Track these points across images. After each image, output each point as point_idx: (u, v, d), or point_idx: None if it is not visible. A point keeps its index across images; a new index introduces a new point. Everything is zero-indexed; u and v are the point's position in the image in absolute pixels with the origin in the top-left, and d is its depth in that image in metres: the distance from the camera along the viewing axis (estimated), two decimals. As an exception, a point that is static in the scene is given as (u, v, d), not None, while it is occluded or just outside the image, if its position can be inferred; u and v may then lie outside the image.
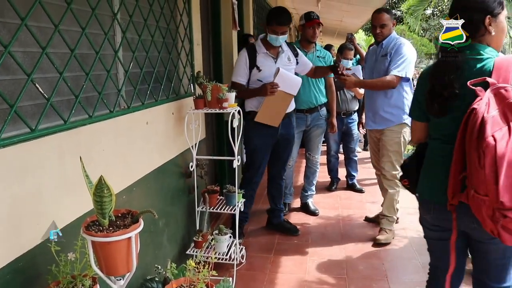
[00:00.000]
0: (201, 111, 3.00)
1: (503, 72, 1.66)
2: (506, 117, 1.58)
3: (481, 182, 1.57)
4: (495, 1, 1.77)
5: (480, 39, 1.79)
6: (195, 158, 3.09)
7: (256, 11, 6.40)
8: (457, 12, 1.81)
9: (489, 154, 1.53)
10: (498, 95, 1.61)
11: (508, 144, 1.53)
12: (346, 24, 12.83)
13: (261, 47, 3.57)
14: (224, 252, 3.10)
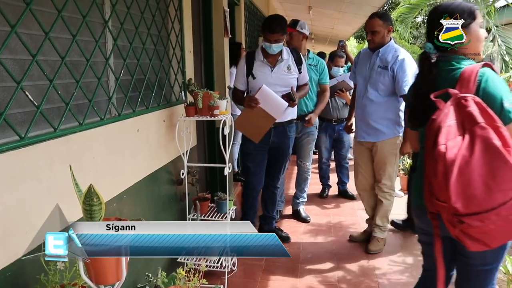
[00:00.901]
0: (192, 118, 3.00)
1: (465, 82, 1.71)
2: (463, 126, 1.62)
3: (438, 189, 1.63)
4: (464, 13, 1.82)
5: (454, 50, 1.83)
6: (186, 166, 3.09)
7: (248, 18, 6.42)
8: (430, 25, 1.88)
9: (440, 161, 1.59)
10: (458, 105, 1.66)
11: (459, 151, 1.57)
12: (337, 32, 12.93)
13: (259, 54, 3.54)
14: (215, 259, 3.09)
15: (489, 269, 1.86)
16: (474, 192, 1.55)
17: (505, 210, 1.53)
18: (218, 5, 4.50)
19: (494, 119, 1.60)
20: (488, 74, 1.72)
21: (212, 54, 4.46)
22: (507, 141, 1.57)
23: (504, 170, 1.53)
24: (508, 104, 1.66)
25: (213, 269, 3.07)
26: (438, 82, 1.82)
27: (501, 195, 1.53)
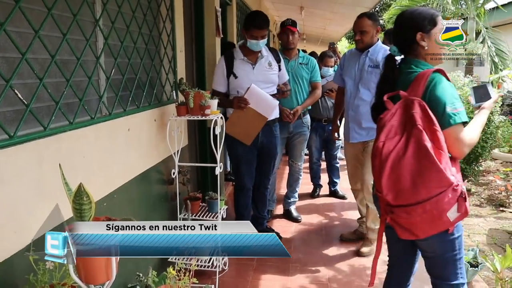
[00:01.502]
0: (183, 118, 2.99)
1: (416, 86, 1.83)
2: (405, 126, 1.78)
3: (376, 181, 1.83)
4: (425, 19, 1.92)
5: (416, 54, 1.95)
6: (177, 165, 3.08)
7: (240, 18, 6.42)
8: (395, 29, 2.02)
9: (377, 156, 1.79)
10: (405, 107, 1.80)
11: (394, 149, 1.75)
12: (329, 32, 12.97)
13: (238, 53, 3.51)
14: (206, 259, 3.09)
15: (444, 259, 1.94)
16: (402, 187, 1.73)
17: (429, 205, 1.70)
18: (210, 5, 4.50)
19: (434, 122, 1.73)
20: (437, 79, 1.82)
21: (204, 53, 4.45)
22: (441, 143, 1.72)
23: (430, 169, 1.68)
24: (450, 109, 1.77)
25: (204, 268, 3.07)
26: (398, 83, 1.94)
27: (426, 191, 1.70)
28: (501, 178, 6.02)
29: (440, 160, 1.68)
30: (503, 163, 7.34)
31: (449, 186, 1.68)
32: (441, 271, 1.99)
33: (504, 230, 4.67)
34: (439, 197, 1.68)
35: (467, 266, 3.10)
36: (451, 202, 1.69)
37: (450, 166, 1.73)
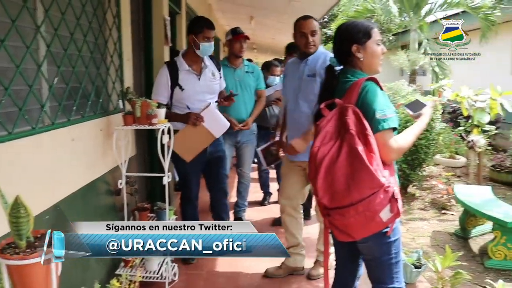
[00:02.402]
0: (130, 127, 2.95)
1: (350, 93, 1.92)
2: (339, 132, 1.86)
3: (312, 185, 1.88)
4: (360, 32, 2.03)
5: (353, 64, 2.04)
6: (124, 175, 3.02)
7: (189, 27, 6.40)
8: (334, 41, 2.11)
9: (313, 161, 1.86)
10: (340, 114, 1.89)
11: (328, 153, 1.82)
12: (279, 42, 13.15)
13: (183, 63, 3.38)
14: (155, 270, 3.04)
15: (380, 262, 2.02)
16: (337, 189, 1.80)
17: (362, 206, 1.76)
18: (159, 14, 4.47)
19: (366, 127, 1.82)
20: (369, 87, 1.92)
21: (152, 62, 4.40)
22: (372, 147, 1.79)
23: (361, 171, 1.75)
24: (379, 115, 1.86)
25: (153, 280, 3.02)
26: (336, 92, 2.03)
27: (358, 193, 1.76)
28: (443, 182, 6.29)
29: (371, 163, 1.76)
30: (444, 167, 7.67)
31: (380, 187, 1.75)
32: (378, 274, 2.06)
33: (446, 231, 4.88)
34: (371, 198, 1.75)
35: (411, 268, 3.22)
36: (383, 203, 1.76)
37: (381, 168, 1.80)
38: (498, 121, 7.82)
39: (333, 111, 1.93)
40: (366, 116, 1.85)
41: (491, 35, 10.19)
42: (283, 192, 3.42)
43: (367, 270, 2.13)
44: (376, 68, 2.08)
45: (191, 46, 3.41)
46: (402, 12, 11.90)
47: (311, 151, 1.90)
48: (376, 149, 1.81)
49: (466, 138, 6.44)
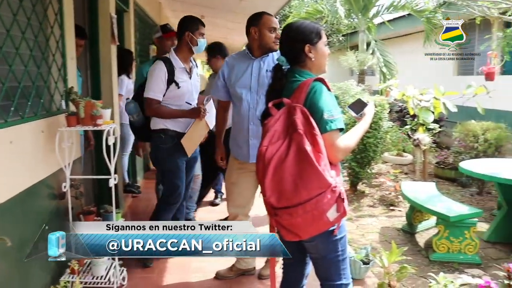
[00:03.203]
0: (73, 128, 2.84)
1: (298, 93, 1.94)
2: (287, 131, 1.87)
3: (260, 184, 1.88)
4: (312, 32, 2.05)
5: (302, 64, 2.06)
6: (68, 178, 2.91)
7: (138, 26, 6.28)
8: (283, 42, 2.11)
9: (261, 160, 1.86)
10: (288, 113, 1.90)
11: (276, 153, 1.83)
12: (231, 41, 13.13)
13: (177, 61, 3.34)
14: (102, 275, 2.95)
15: (327, 260, 2.05)
16: (285, 189, 1.80)
17: (309, 206, 1.77)
18: (105, 11, 4.35)
19: (314, 127, 1.83)
20: (317, 87, 1.94)
21: (99, 61, 4.28)
22: (320, 147, 1.81)
23: (309, 171, 1.77)
24: (327, 116, 1.88)
25: (100, 285, 2.93)
26: (284, 92, 2.03)
27: (306, 193, 1.77)
28: (391, 179, 6.48)
29: (319, 162, 1.77)
30: (392, 165, 7.92)
31: (328, 187, 1.77)
32: (325, 272, 2.08)
33: (394, 227, 5.03)
34: (318, 198, 1.76)
35: (359, 264, 3.29)
36: (330, 202, 1.78)
37: (329, 168, 1.82)
38: (442, 119, 8.15)
39: (281, 110, 1.93)
40: (314, 116, 1.87)
41: (434, 37, 10.58)
42: (234, 202, 3.20)
43: (315, 268, 2.15)
44: (324, 68, 2.12)
45: (185, 43, 3.35)
46: (351, 13, 12.17)
47: (259, 151, 1.89)
48: (324, 149, 1.83)
49: (412, 136, 6.66)
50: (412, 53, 12.63)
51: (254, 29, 2.97)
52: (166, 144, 3.38)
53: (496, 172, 4.60)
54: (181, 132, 3.40)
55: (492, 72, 5.07)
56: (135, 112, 3.51)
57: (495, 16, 4.43)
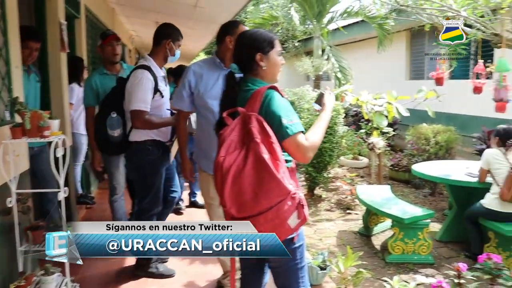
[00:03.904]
0: (19, 140, 2.71)
1: (252, 102, 1.93)
2: (244, 141, 1.86)
3: (219, 195, 1.85)
4: (264, 41, 2.05)
5: (255, 73, 2.05)
6: (14, 193, 2.78)
7: (90, 33, 6.12)
8: (236, 49, 2.10)
9: (218, 171, 1.83)
10: (243, 122, 1.89)
11: (234, 162, 1.82)
12: (188, 48, 13.04)
13: (157, 69, 3.25)
14: None
15: (287, 269, 2.05)
16: (245, 199, 1.79)
17: (271, 214, 1.77)
18: (53, 17, 4.20)
19: (270, 135, 1.83)
20: (272, 95, 1.94)
21: (48, 70, 4.13)
22: (278, 155, 1.81)
23: (268, 179, 1.76)
24: (286, 121, 1.88)
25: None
26: (238, 101, 2.02)
27: (266, 201, 1.77)
28: (347, 183, 6.59)
29: (278, 170, 1.77)
30: (349, 169, 8.05)
31: (288, 194, 1.77)
32: (285, 280, 2.08)
33: (351, 230, 5.10)
34: (279, 206, 1.76)
35: (316, 270, 3.31)
36: (290, 209, 1.78)
37: (288, 175, 1.82)
38: (396, 123, 8.37)
39: (236, 119, 1.92)
40: (272, 123, 1.87)
41: (387, 43, 10.88)
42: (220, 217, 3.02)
43: (274, 277, 2.14)
44: (276, 78, 2.11)
45: (163, 51, 3.26)
46: (306, 20, 12.33)
47: (216, 161, 1.86)
48: (282, 156, 1.82)
49: (367, 140, 6.79)
50: (367, 58, 12.96)
51: (230, 38, 2.85)
52: (153, 156, 3.26)
53: (447, 174, 4.76)
54: (164, 141, 3.33)
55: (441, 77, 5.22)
56: (118, 127, 3.35)
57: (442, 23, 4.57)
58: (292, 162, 1.99)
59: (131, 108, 3.14)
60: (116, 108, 3.34)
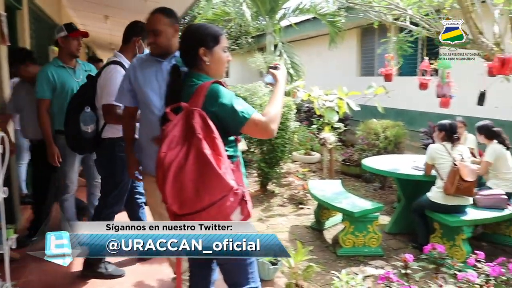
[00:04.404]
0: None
1: (196, 97, 1.91)
2: (186, 136, 1.84)
3: (161, 192, 1.81)
4: (209, 36, 2.01)
5: (199, 68, 2.03)
6: None
7: (34, 25, 5.86)
8: (181, 43, 2.06)
9: (160, 167, 1.81)
10: (186, 118, 1.87)
11: (176, 158, 1.79)
12: (139, 43, 12.76)
13: (128, 64, 3.16)
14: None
15: (236, 265, 2.04)
16: (186, 195, 1.76)
17: (213, 210, 1.75)
18: (-9, 9, 4.00)
19: (213, 131, 1.82)
20: (217, 88, 1.92)
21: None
22: (220, 150, 1.80)
23: (210, 175, 1.75)
24: (239, 107, 1.88)
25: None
26: (182, 96, 1.98)
27: (209, 197, 1.75)
28: (299, 178, 6.65)
29: (220, 166, 1.75)
30: (301, 164, 8.14)
31: (230, 190, 1.76)
32: (234, 277, 2.07)
33: (303, 225, 5.16)
34: (221, 202, 1.75)
35: (268, 265, 3.32)
36: (233, 205, 1.77)
37: (230, 171, 1.81)
38: (347, 118, 8.53)
39: (179, 115, 1.89)
40: (226, 114, 1.86)
41: (338, 40, 11.07)
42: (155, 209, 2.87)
43: (223, 274, 2.12)
44: (221, 74, 2.09)
45: (132, 48, 3.20)
46: (258, 16, 12.34)
47: (158, 157, 1.83)
48: (224, 152, 1.81)
49: (318, 135, 6.89)
50: (319, 55, 13.14)
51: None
52: (119, 153, 3.15)
53: (394, 168, 4.89)
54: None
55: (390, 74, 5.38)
56: (92, 123, 3.23)
57: (390, 21, 4.69)
58: (236, 158, 1.97)
59: (103, 102, 3.06)
60: (88, 105, 3.25)
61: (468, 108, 4.96)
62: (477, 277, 2.55)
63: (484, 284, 2.55)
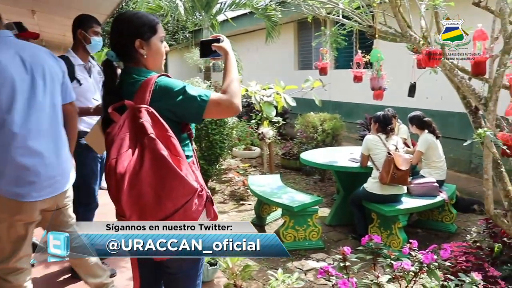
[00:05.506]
0: None
1: (141, 94, 1.69)
2: (136, 138, 1.62)
3: (115, 203, 1.62)
4: (144, 26, 1.80)
5: (136, 62, 1.82)
6: None
7: None
8: (112, 36, 1.83)
9: (112, 176, 1.57)
10: (133, 117, 1.65)
11: (129, 164, 1.57)
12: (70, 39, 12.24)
13: (76, 58, 3.24)
14: None
15: (187, 275, 1.90)
16: (146, 203, 1.57)
17: (178, 217, 1.60)
18: None
19: (166, 128, 1.63)
20: (166, 81, 1.73)
21: None
22: (178, 150, 1.63)
23: (171, 178, 1.56)
24: (194, 92, 1.70)
25: None
26: (124, 94, 1.76)
27: (172, 203, 1.59)
28: (240, 174, 6.61)
29: (180, 168, 1.58)
30: (242, 159, 8.11)
31: (194, 193, 1.60)
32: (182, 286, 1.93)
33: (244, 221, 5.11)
34: (186, 207, 1.59)
35: (207, 266, 3.24)
36: (199, 209, 1.64)
37: (191, 172, 1.65)
38: (287, 112, 8.59)
39: (124, 115, 1.66)
40: (184, 104, 1.68)
41: (275, 34, 11.11)
42: None
43: (169, 284, 1.97)
44: (160, 66, 1.88)
45: (80, 41, 3.26)
46: (195, 11, 12.15)
47: (108, 165, 1.59)
48: (182, 152, 1.64)
49: (257, 130, 6.88)
50: (257, 49, 13.15)
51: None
52: (79, 148, 2.97)
53: (332, 160, 4.95)
54: None
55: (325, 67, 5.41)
56: None
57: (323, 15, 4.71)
58: (192, 156, 1.82)
59: None
60: None
61: (402, 99, 5.09)
62: (411, 265, 2.61)
63: (418, 271, 2.62)
